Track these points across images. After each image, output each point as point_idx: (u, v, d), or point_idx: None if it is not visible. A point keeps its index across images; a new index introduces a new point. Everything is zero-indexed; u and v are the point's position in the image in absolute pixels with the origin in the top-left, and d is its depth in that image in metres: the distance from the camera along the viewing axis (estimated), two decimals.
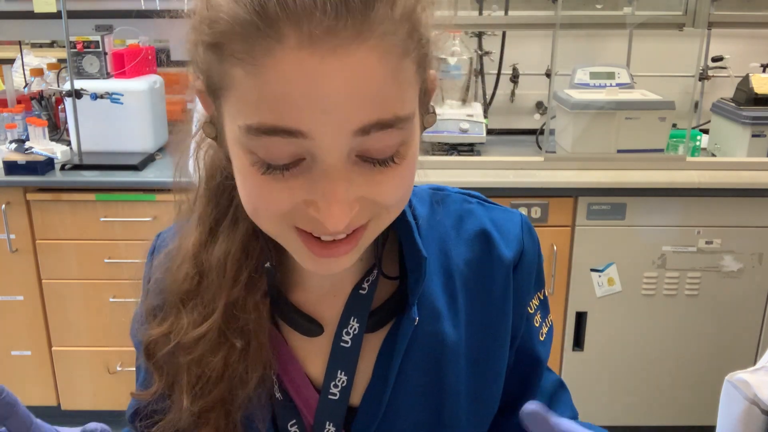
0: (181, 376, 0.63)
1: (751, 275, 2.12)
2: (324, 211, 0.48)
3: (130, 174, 2.11)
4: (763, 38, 2.56)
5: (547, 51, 2.19)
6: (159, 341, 0.63)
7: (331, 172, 0.48)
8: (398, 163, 0.50)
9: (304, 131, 0.46)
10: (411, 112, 0.49)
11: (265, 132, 0.46)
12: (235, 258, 0.61)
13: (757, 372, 0.96)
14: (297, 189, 0.49)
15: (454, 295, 0.66)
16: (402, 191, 0.53)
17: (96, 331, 2.24)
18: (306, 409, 0.65)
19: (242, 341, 0.61)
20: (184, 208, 0.66)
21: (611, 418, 2.27)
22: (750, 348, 2.19)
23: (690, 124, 2.26)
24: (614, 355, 2.21)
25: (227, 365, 0.61)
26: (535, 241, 0.70)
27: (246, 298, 0.62)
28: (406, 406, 0.65)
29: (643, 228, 2.08)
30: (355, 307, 0.64)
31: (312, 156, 0.48)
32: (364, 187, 0.50)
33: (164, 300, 0.65)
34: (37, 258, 2.18)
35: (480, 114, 2.30)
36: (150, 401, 0.66)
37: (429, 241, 0.66)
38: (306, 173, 0.48)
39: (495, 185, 2.02)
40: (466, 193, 0.72)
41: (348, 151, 0.48)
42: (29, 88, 2.50)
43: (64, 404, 2.34)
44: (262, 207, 0.51)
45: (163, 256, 0.66)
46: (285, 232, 0.53)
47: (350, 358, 0.64)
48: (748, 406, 0.94)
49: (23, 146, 2.17)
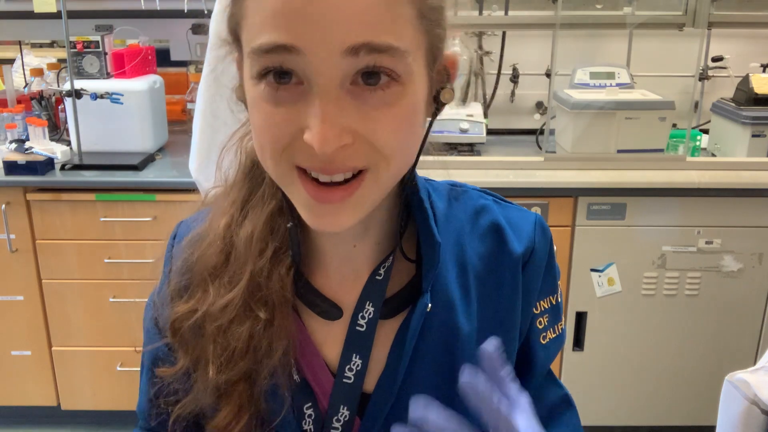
0: (207, 348, 0.64)
1: (751, 275, 2.12)
2: (314, 131, 0.50)
3: (130, 174, 2.11)
4: (763, 38, 2.56)
5: (547, 51, 2.19)
6: (185, 317, 0.65)
7: (323, 95, 0.50)
8: (392, 101, 0.52)
9: (298, 47, 0.49)
10: (406, 48, 0.51)
11: (267, 51, 0.50)
12: (261, 233, 0.64)
13: (757, 372, 0.96)
14: (295, 116, 0.52)
15: (468, 288, 0.68)
16: (398, 137, 0.54)
17: (96, 331, 2.24)
18: (321, 393, 0.67)
19: (266, 313, 0.63)
20: (210, 196, 0.70)
21: (611, 418, 2.27)
22: (750, 348, 2.19)
23: (690, 124, 2.26)
24: (614, 355, 2.21)
25: (252, 336, 0.63)
26: (547, 241, 0.71)
27: (271, 270, 0.64)
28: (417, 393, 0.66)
29: (643, 228, 2.09)
30: (371, 292, 0.66)
31: (308, 79, 0.50)
32: (358, 119, 0.51)
33: (191, 279, 0.67)
34: (37, 258, 2.18)
35: (480, 114, 2.30)
36: (172, 381, 0.68)
37: (446, 234, 0.68)
38: (304, 100, 0.51)
39: (495, 185, 2.02)
40: (483, 191, 0.74)
41: (341, 75, 0.50)
42: (29, 88, 2.50)
43: (64, 404, 2.34)
44: (267, 141, 0.54)
45: (192, 236, 0.69)
46: (287, 174, 0.55)
47: (365, 342, 0.66)
48: (748, 406, 0.94)
49: (23, 146, 2.17)
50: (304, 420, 0.67)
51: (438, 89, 0.60)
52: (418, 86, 0.54)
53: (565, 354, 2.21)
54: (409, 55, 0.51)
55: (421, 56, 0.54)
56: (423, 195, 0.66)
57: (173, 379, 0.68)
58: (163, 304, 0.68)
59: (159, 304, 0.69)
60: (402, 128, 0.54)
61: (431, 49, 0.56)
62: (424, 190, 0.67)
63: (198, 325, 0.65)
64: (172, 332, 0.67)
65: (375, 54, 0.49)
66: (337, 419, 0.66)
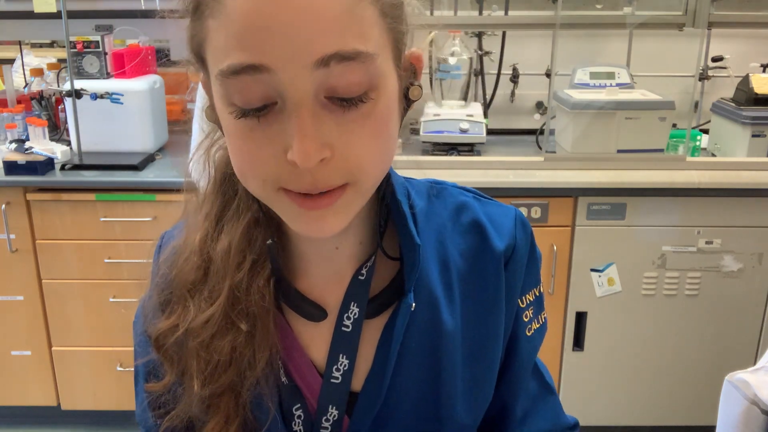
0: (191, 363, 0.65)
1: (751, 275, 2.12)
2: (295, 148, 0.50)
3: (130, 174, 2.11)
4: (763, 38, 2.56)
5: (547, 51, 2.19)
6: (167, 333, 0.65)
7: (299, 110, 0.50)
8: (368, 111, 0.52)
9: (267, 65, 0.48)
10: (374, 50, 0.51)
11: (234, 72, 0.49)
12: (238, 246, 0.64)
13: (757, 372, 0.96)
14: (275, 137, 0.51)
15: (451, 285, 0.68)
16: (377, 147, 0.54)
17: (96, 331, 2.24)
18: (310, 394, 0.67)
19: (247, 324, 0.63)
20: (190, 207, 0.69)
21: (611, 418, 2.27)
22: (750, 348, 2.19)
23: (690, 124, 2.26)
24: (614, 355, 2.21)
25: (234, 349, 0.63)
26: (527, 236, 0.71)
27: (250, 281, 0.64)
28: (405, 392, 0.67)
29: (643, 228, 2.08)
30: (355, 293, 0.66)
31: (281, 97, 0.50)
32: (336, 134, 0.51)
33: (171, 294, 0.67)
34: (37, 258, 2.18)
35: (480, 114, 2.30)
36: (162, 393, 0.68)
37: (426, 231, 0.68)
38: (279, 118, 0.51)
39: (495, 185, 2.02)
40: (463, 187, 0.74)
41: (314, 89, 0.50)
42: (29, 88, 2.50)
43: (64, 404, 2.34)
44: (248, 169, 0.54)
45: (169, 250, 0.68)
46: (273, 195, 0.55)
47: (351, 342, 0.66)
48: (748, 406, 0.94)
49: (23, 146, 2.17)
50: (294, 421, 0.67)
51: (406, 86, 0.60)
52: (390, 87, 0.55)
53: (565, 354, 2.21)
54: (378, 57, 0.51)
55: (388, 54, 0.54)
56: (401, 197, 0.66)
57: (163, 391, 0.68)
58: (149, 317, 0.69)
59: (149, 316, 0.69)
60: (378, 136, 0.54)
61: (396, 46, 0.56)
62: (402, 190, 0.67)
63: (181, 341, 0.65)
64: (156, 348, 0.67)
65: (345, 62, 0.49)
66: (326, 419, 0.66)
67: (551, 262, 2.10)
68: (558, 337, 2.18)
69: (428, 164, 2.12)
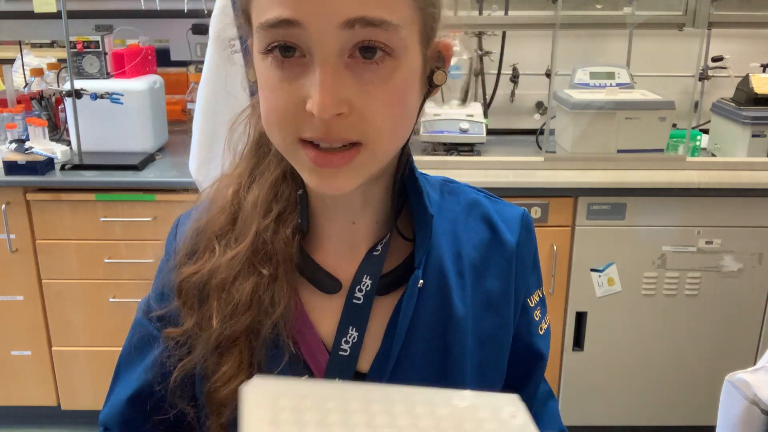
0: (212, 304, 0.67)
1: (751, 275, 2.12)
2: (314, 99, 0.54)
3: (130, 174, 2.11)
4: (763, 38, 2.56)
5: (547, 51, 2.19)
6: (191, 277, 0.68)
7: (322, 65, 0.54)
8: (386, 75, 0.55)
9: (299, 20, 0.53)
10: (399, 22, 0.54)
11: (271, 25, 0.54)
12: (266, 196, 0.68)
13: (757, 372, 0.96)
14: (299, 89, 0.56)
15: (462, 274, 0.70)
16: (391, 112, 0.57)
17: (96, 331, 2.24)
18: (317, 370, 0.68)
19: (270, 269, 0.66)
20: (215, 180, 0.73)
21: (611, 418, 2.27)
22: (750, 348, 2.19)
23: (690, 124, 2.26)
24: (614, 355, 2.21)
25: (255, 291, 0.65)
26: (530, 236, 0.75)
27: (276, 228, 0.67)
28: (412, 373, 0.68)
29: (643, 228, 2.09)
30: (369, 267, 0.68)
31: (310, 52, 0.55)
32: (354, 92, 0.55)
33: (198, 245, 0.70)
34: (37, 258, 2.18)
35: (480, 114, 2.30)
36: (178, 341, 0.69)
37: (441, 222, 0.71)
38: (306, 73, 0.55)
39: (495, 185, 2.02)
40: (475, 188, 0.77)
41: (339, 48, 0.54)
42: (29, 88, 2.50)
43: (64, 404, 2.34)
44: (273, 112, 0.58)
45: (204, 202, 0.72)
46: (292, 146, 0.59)
47: (362, 315, 0.67)
48: (748, 406, 0.93)
49: (23, 146, 2.17)
50: None
51: (432, 70, 0.63)
52: (412, 61, 0.58)
53: (565, 354, 2.21)
54: (402, 30, 0.55)
55: (415, 32, 0.57)
56: (419, 175, 0.70)
57: (178, 340, 0.69)
58: (169, 271, 0.71)
59: (166, 273, 0.71)
60: (395, 103, 0.57)
61: (425, 27, 0.59)
62: (420, 175, 0.71)
63: (203, 283, 0.67)
64: (178, 294, 0.69)
65: (369, 27, 0.53)
66: None
67: (551, 262, 2.10)
68: (558, 337, 2.18)
69: (428, 164, 2.11)
